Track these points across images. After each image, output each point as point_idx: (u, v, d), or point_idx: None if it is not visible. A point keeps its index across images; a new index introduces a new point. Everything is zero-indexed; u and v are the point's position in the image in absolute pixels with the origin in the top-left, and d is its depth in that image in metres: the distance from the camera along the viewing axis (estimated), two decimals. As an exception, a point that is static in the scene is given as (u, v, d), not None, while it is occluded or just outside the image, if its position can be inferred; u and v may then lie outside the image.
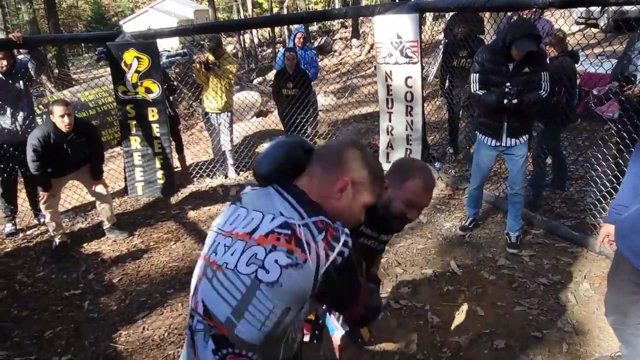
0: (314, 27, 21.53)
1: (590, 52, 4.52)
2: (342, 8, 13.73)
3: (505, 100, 3.03)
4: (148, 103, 4.52)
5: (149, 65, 4.40)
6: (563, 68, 3.59)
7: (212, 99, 5.09)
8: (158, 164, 4.70)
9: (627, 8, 5.77)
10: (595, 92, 5.49)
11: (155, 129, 4.62)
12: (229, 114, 5.22)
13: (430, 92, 7.51)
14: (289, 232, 1.07)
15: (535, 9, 4.04)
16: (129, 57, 4.36)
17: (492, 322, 2.67)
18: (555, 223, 3.59)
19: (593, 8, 8.91)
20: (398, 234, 3.61)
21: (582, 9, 9.25)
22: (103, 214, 4.10)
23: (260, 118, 8.07)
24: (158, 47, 4.58)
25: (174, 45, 21.93)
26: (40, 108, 4.88)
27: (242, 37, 18.94)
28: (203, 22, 26.41)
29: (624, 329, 2.05)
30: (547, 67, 3.16)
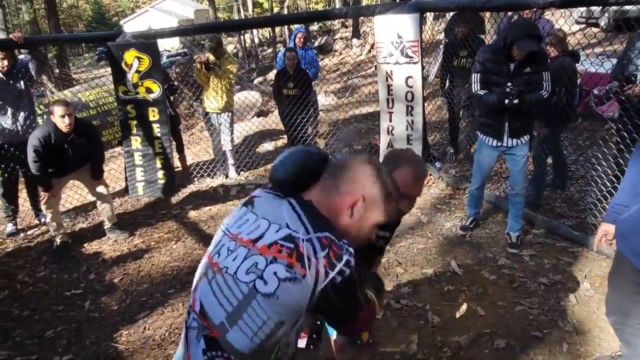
0: (315, 26, 21.55)
1: (591, 51, 4.52)
2: (342, 8, 13.74)
3: (507, 100, 3.03)
4: (149, 103, 4.53)
5: (150, 65, 4.40)
6: (563, 68, 3.59)
7: (212, 99, 5.09)
8: (159, 164, 4.71)
9: (627, 8, 5.76)
10: (596, 91, 5.49)
11: (156, 129, 4.62)
12: (230, 114, 5.23)
13: (431, 91, 7.51)
14: (292, 245, 1.07)
15: (536, 9, 4.04)
16: (130, 57, 4.36)
17: (492, 321, 2.67)
18: (556, 223, 3.59)
19: (594, 8, 8.91)
20: (398, 234, 3.62)
21: (582, 9, 9.25)
22: (104, 214, 4.10)
23: (261, 118, 8.08)
24: (158, 47, 4.58)
25: (175, 45, 21.94)
26: (41, 108, 4.88)
27: (242, 37, 18.94)
28: (203, 21, 26.45)
29: (625, 329, 2.05)
30: (548, 67, 3.16)
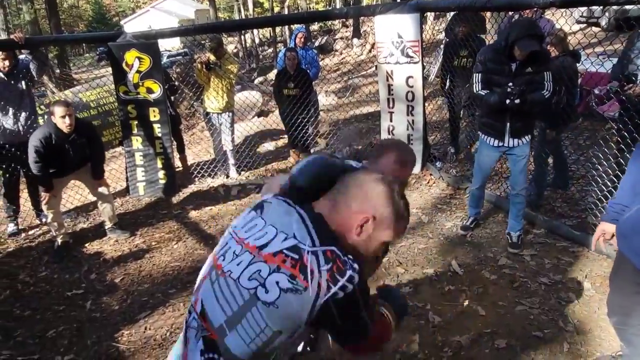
0: (315, 26, 21.56)
1: (592, 51, 4.52)
2: (343, 8, 13.74)
3: (508, 100, 3.01)
4: (149, 103, 4.53)
5: (150, 66, 4.41)
6: (564, 67, 3.58)
7: (213, 99, 5.10)
8: (159, 164, 4.71)
9: (628, 7, 5.76)
10: (597, 91, 5.49)
11: (157, 129, 4.62)
12: (230, 114, 5.23)
13: (432, 91, 7.51)
14: (297, 256, 1.06)
15: (536, 9, 4.04)
16: (131, 57, 4.36)
17: (493, 321, 2.67)
18: (557, 222, 3.59)
19: (594, 7, 8.90)
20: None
21: (583, 8, 9.25)
22: (105, 214, 4.11)
23: (262, 118, 8.08)
24: (159, 47, 4.59)
25: (175, 45, 21.95)
26: (42, 108, 4.90)
27: (243, 36, 18.95)
28: (204, 21, 26.46)
29: (627, 329, 2.05)
30: (550, 67, 3.14)
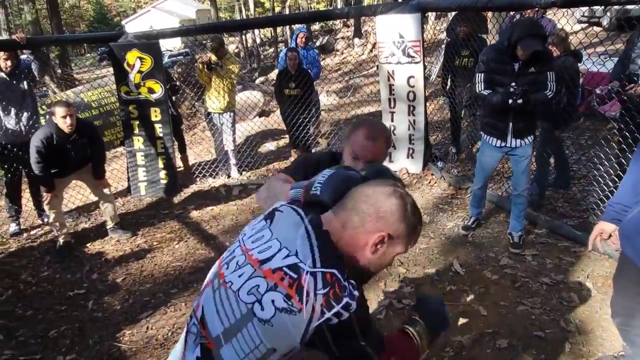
0: (316, 26, 21.56)
1: (593, 51, 4.51)
2: (344, 8, 13.74)
3: (510, 100, 3.00)
4: (151, 103, 4.54)
5: (152, 66, 4.41)
6: (566, 67, 3.58)
7: (214, 99, 5.10)
8: (161, 164, 4.72)
9: (629, 7, 5.75)
10: (598, 91, 5.48)
11: (158, 129, 4.63)
12: (232, 114, 5.23)
13: (433, 91, 7.50)
14: (295, 276, 1.03)
15: (538, 9, 4.03)
16: (132, 57, 4.37)
17: (494, 321, 2.67)
18: (558, 222, 3.58)
19: (596, 7, 8.89)
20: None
21: (584, 8, 9.25)
22: (106, 214, 4.11)
23: (263, 118, 8.08)
24: (160, 47, 4.59)
25: (177, 45, 21.95)
26: (44, 108, 4.90)
27: (244, 36, 18.96)
28: (205, 21, 26.45)
29: (630, 330, 2.04)
30: (553, 66, 3.13)
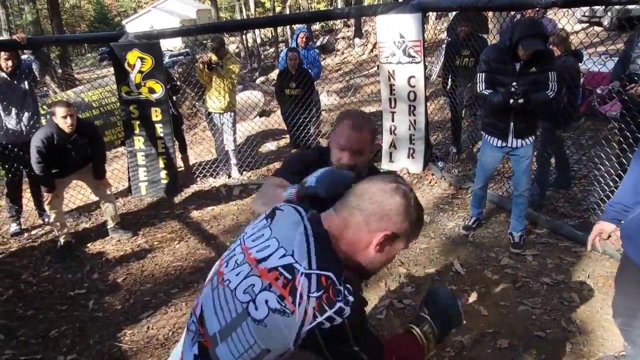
0: (317, 26, 21.55)
1: (594, 51, 4.51)
2: (344, 8, 13.74)
3: (511, 100, 2.99)
4: (151, 103, 4.54)
5: (152, 66, 4.41)
6: (566, 67, 3.58)
7: (215, 99, 5.10)
8: (161, 164, 4.72)
9: (630, 7, 5.75)
10: (599, 91, 5.48)
11: (159, 129, 4.63)
12: (232, 114, 5.24)
13: (433, 91, 7.50)
14: (290, 276, 1.02)
15: (538, 8, 4.03)
16: (133, 57, 4.37)
17: (495, 321, 2.67)
18: (559, 222, 3.58)
19: (596, 7, 8.88)
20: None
21: (585, 8, 9.23)
22: (107, 214, 4.12)
23: (263, 118, 8.08)
24: (161, 47, 4.59)
25: (177, 45, 21.95)
26: (45, 108, 4.91)
27: (244, 36, 18.96)
28: (205, 21, 26.44)
29: (631, 330, 2.04)
30: (554, 66, 3.12)
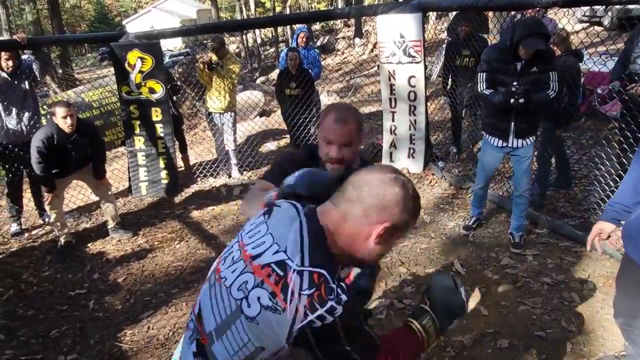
0: (317, 26, 21.55)
1: (594, 50, 4.51)
2: (345, 8, 13.74)
3: (512, 100, 2.98)
4: (152, 103, 4.54)
5: (153, 66, 4.41)
6: (567, 67, 3.57)
7: (215, 99, 5.10)
8: (162, 164, 4.72)
9: (631, 6, 5.74)
10: (599, 91, 5.48)
11: (159, 129, 4.63)
12: (232, 114, 5.24)
13: (434, 91, 7.50)
14: (282, 273, 1.00)
15: (539, 8, 4.03)
16: (133, 57, 4.37)
17: (495, 321, 2.67)
18: (559, 222, 3.58)
19: (597, 7, 8.88)
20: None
21: (585, 8, 9.23)
22: (107, 214, 4.12)
23: (264, 118, 8.08)
24: (161, 47, 4.59)
25: (177, 45, 21.95)
26: (45, 108, 4.91)
27: (245, 36, 18.96)
28: (206, 21, 26.43)
29: (632, 330, 2.04)
30: (555, 66, 3.12)
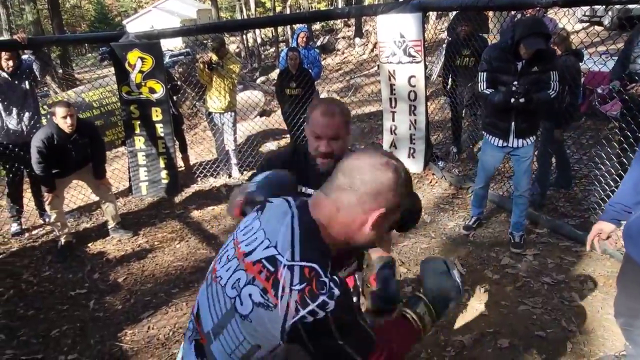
0: (317, 25, 21.53)
1: (594, 50, 4.51)
2: (345, 7, 13.73)
3: (512, 99, 2.98)
4: (152, 103, 4.54)
5: (153, 66, 4.41)
6: (567, 67, 3.57)
7: (215, 99, 5.10)
8: (162, 164, 4.72)
9: (631, 6, 5.74)
10: (600, 90, 5.47)
11: (159, 129, 4.63)
12: (233, 114, 5.24)
13: (434, 91, 7.50)
14: (272, 269, 0.98)
15: (539, 8, 4.03)
16: (133, 57, 4.37)
17: (496, 321, 2.67)
18: (560, 222, 3.58)
19: (597, 6, 8.88)
20: (402, 234, 3.61)
21: (586, 8, 9.23)
22: (108, 214, 4.12)
23: (264, 117, 8.08)
24: (162, 47, 4.59)
25: (178, 45, 21.94)
26: (45, 108, 4.91)
27: (245, 36, 18.95)
28: (206, 21, 26.42)
29: (633, 330, 2.04)
30: (556, 66, 3.11)
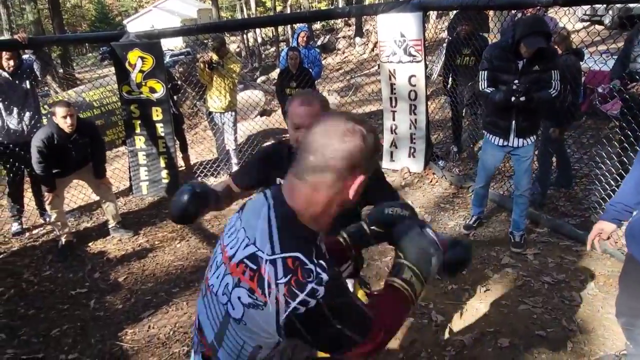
0: (317, 25, 21.52)
1: (595, 49, 4.51)
2: (345, 7, 13.73)
3: (513, 98, 2.97)
4: (152, 102, 4.54)
5: (153, 65, 4.41)
6: (567, 66, 3.57)
7: (216, 99, 5.11)
8: (162, 163, 4.72)
9: (631, 5, 5.73)
10: (600, 90, 5.47)
11: (160, 129, 4.63)
12: (233, 113, 5.24)
13: (434, 90, 7.49)
14: (255, 267, 0.96)
15: (539, 7, 4.02)
16: (133, 57, 4.37)
17: (496, 320, 2.67)
18: (560, 222, 3.58)
19: (598, 5, 8.86)
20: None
21: (586, 7, 9.21)
22: (108, 213, 4.12)
23: (264, 117, 8.07)
24: (162, 46, 4.59)
25: (178, 45, 21.94)
26: (46, 108, 4.91)
27: (245, 36, 18.95)
28: (206, 21, 26.43)
29: (634, 330, 2.05)
30: (557, 65, 3.11)
